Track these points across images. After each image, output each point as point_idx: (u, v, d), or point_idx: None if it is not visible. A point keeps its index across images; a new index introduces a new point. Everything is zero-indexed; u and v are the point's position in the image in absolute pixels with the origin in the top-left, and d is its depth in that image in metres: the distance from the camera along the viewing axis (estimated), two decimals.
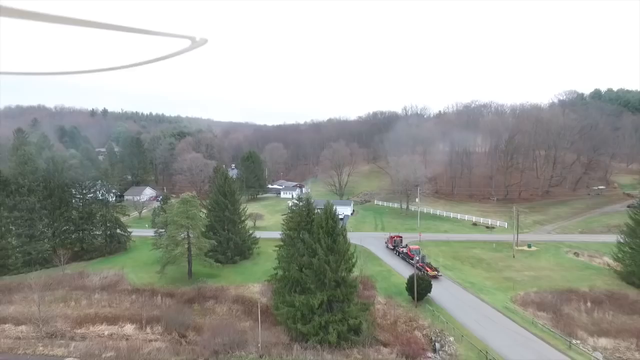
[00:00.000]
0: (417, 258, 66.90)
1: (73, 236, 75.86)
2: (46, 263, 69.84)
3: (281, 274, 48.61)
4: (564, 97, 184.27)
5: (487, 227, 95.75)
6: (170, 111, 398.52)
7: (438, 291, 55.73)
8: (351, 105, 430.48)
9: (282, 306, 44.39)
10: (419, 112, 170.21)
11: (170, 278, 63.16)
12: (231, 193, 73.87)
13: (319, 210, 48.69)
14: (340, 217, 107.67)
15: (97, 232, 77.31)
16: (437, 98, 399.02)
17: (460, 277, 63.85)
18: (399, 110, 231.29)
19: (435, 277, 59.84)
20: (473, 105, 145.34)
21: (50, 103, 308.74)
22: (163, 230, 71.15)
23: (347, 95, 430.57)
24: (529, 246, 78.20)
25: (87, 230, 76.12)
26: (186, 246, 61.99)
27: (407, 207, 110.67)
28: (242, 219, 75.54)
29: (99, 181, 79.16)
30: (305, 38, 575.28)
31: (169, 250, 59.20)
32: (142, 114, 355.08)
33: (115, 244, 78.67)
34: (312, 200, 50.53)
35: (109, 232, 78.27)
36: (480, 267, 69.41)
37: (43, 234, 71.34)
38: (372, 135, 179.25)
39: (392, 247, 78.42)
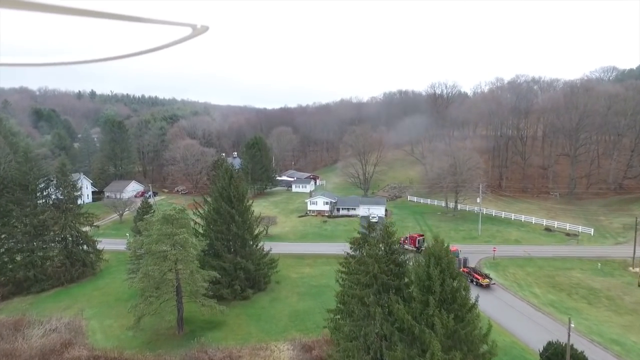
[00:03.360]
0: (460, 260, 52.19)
1: (18, 258, 53.96)
2: None
3: None
4: (599, 74, 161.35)
5: (567, 235, 74.18)
6: (164, 94, 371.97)
7: None
8: (362, 85, 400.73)
9: None
10: (447, 91, 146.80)
11: (150, 333, 41.64)
12: (239, 198, 51.83)
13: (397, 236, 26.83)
14: (374, 219, 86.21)
15: (52, 253, 55.42)
16: (461, 75, 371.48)
17: (587, 326, 42.43)
18: (419, 88, 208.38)
19: (487, 286, 49.93)
20: (519, 80, 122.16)
21: (34, 85, 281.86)
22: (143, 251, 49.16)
23: (357, 74, 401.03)
24: None
25: (37, 250, 54.16)
26: (174, 286, 40.29)
27: (456, 206, 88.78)
28: (255, 233, 53.67)
29: (54, 180, 56.80)
30: (304, 13, 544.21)
31: (146, 297, 37.43)
32: (133, 96, 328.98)
33: (79, 267, 56.89)
34: (392, 226, 28.47)
35: (69, 252, 56.39)
36: (601, 305, 48.13)
37: None
38: (393, 117, 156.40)
39: (415, 249, 62.90)
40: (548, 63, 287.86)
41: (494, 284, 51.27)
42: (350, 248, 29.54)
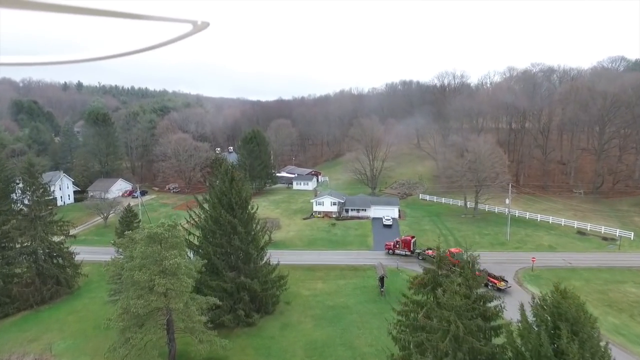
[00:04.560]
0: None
1: None
2: None
3: None
4: (608, 64, 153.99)
5: (604, 239, 66.84)
6: (154, 86, 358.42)
7: None
8: (361, 76, 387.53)
9: None
10: (456, 81, 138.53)
11: None
12: (242, 204, 43.37)
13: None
14: (388, 223, 78.05)
15: (19, 270, 46.69)
16: (464, 65, 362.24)
17: None
18: (423, 79, 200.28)
19: (504, 289, 46.68)
20: (534, 70, 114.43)
21: (17, 76, 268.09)
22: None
23: (355, 64, 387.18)
24: None
25: (0, 267, 45.36)
26: (163, 318, 31.93)
27: (476, 206, 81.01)
28: (261, 245, 45.33)
29: (19, 183, 47.88)
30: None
31: (126, 338, 29.05)
32: (122, 88, 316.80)
33: (52, 285, 48.25)
34: (476, 261, 20.23)
35: (39, 268, 47.65)
36: None
37: None
38: (397, 109, 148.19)
39: (410, 253, 59.47)
40: (553, 53, 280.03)
41: (510, 287, 48.61)
42: (410, 289, 21.29)
